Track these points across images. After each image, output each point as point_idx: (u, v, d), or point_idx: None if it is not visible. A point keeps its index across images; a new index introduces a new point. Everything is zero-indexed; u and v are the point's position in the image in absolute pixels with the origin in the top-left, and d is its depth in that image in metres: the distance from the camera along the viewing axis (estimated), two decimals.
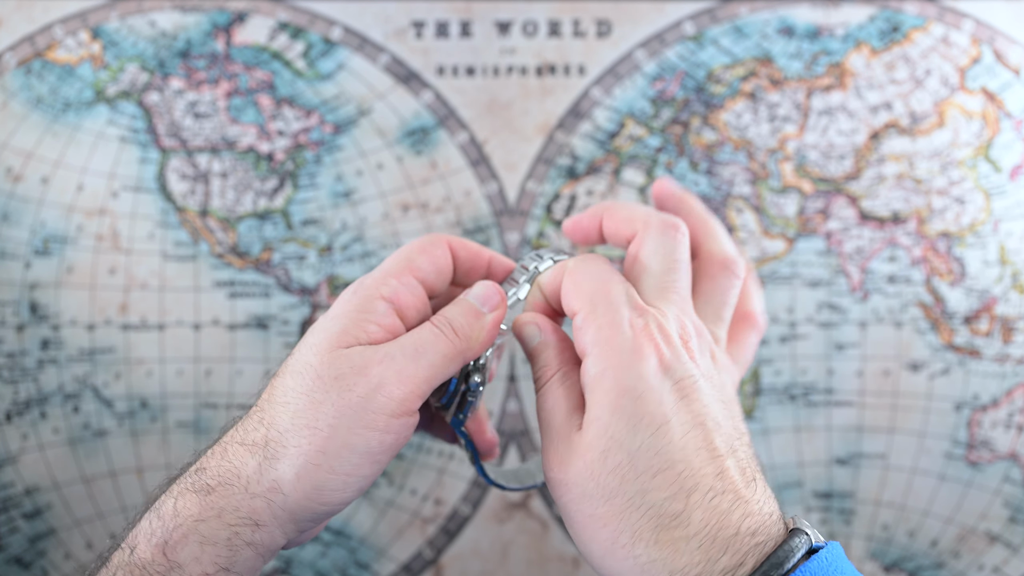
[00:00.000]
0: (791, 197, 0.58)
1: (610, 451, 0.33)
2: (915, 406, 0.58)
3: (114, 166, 0.58)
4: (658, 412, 0.33)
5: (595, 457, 0.33)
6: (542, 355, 0.38)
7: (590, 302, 0.36)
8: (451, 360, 0.36)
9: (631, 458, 0.33)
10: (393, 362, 0.35)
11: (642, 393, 0.33)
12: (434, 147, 0.59)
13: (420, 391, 0.35)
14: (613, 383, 0.33)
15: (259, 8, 0.59)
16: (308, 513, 0.35)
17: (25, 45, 0.58)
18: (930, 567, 0.58)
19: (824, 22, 0.59)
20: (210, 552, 0.33)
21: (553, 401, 0.36)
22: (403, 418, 0.35)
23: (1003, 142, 0.58)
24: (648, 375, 0.34)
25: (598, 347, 0.34)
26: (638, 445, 0.33)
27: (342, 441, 0.34)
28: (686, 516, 0.31)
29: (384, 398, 0.34)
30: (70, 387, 0.57)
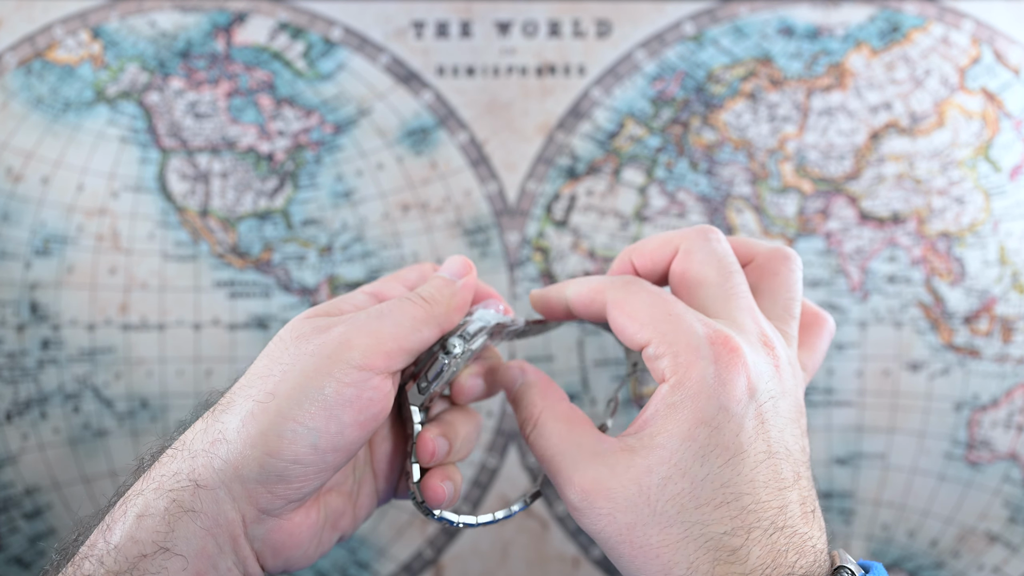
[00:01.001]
0: (791, 197, 0.58)
1: (672, 478, 0.31)
2: (915, 406, 0.58)
3: (114, 166, 0.58)
4: (733, 442, 0.32)
5: (654, 482, 0.31)
6: (526, 396, 0.37)
7: (657, 330, 0.34)
8: (421, 323, 0.35)
9: (694, 487, 0.31)
10: (356, 320, 0.34)
11: (720, 424, 0.32)
12: (434, 147, 0.59)
13: (385, 348, 0.34)
14: (690, 414, 0.32)
15: (259, 8, 0.59)
16: (254, 466, 0.31)
17: (25, 45, 0.58)
18: (930, 567, 0.58)
19: (824, 22, 0.59)
20: (147, 525, 0.30)
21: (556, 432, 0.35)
22: (365, 372, 0.33)
23: (1003, 142, 0.58)
24: (731, 404, 0.32)
25: (677, 376, 0.33)
26: (704, 475, 0.31)
27: (293, 383, 0.32)
28: (745, 552, 0.30)
29: (345, 348, 0.33)
30: (70, 387, 0.57)
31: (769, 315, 0.37)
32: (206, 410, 0.34)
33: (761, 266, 0.39)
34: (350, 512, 0.38)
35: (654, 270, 0.38)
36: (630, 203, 0.58)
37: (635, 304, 0.35)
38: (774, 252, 0.39)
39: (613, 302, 0.36)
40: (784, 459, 0.33)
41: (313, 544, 0.35)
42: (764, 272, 0.39)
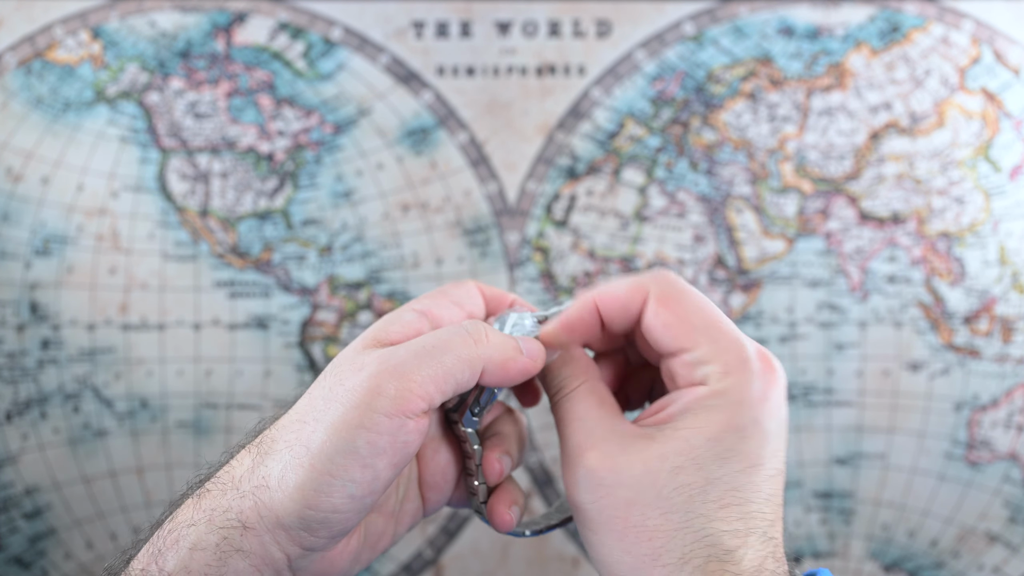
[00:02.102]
0: (791, 197, 0.58)
1: (684, 468, 0.32)
2: (915, 406, 0.58)
3: (114, 166, 0.58)
4: (756, 453, 0.32)
5: (664, 467, 0.32)
6: (566, 367, 0.36)
7: (708, 336, 0.34)
8: (466, 363, 0.34)
9: (707, 483, 0.32)
10: (393, 357, 0.33)
11: (751, 434, 0.32)
12: (434, 147, 0.59)
13: (421, 391, 0.32)
14: (725, 419, 0.32)
15: (259, 8, 0.59)
16: (294, 517, 0.32)
17: (25, 45, 0.58)
18: (930, 567, 0.58)
19: (824, 22, 0.59)
20: (199, 559, 0.31)
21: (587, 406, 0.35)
22: (397, 418, 0.32)
23: (1003, 142, 0.58)
24: (764, 419, 0.33)
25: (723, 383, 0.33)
26: (720, 475, 0.32)
27: (324, 435, 0.32)
28: (741, 554, 0.31)
29: (374, 395, 0.32)
30: (70, 387, 0.57)
31: None
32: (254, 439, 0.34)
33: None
34: (391, 530, 0.38)
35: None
36: (630, 203, 0.58)
37: (686, 304, 0.34)
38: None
39: (661, 297, 0.35)
40: (778, 476, 0.34)
41: (352, 564, 0.36)
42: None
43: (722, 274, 0.58)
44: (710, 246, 0.58)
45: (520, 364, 0.35)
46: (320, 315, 0.58)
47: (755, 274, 0.58)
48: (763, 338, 0.58)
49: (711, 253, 0.58)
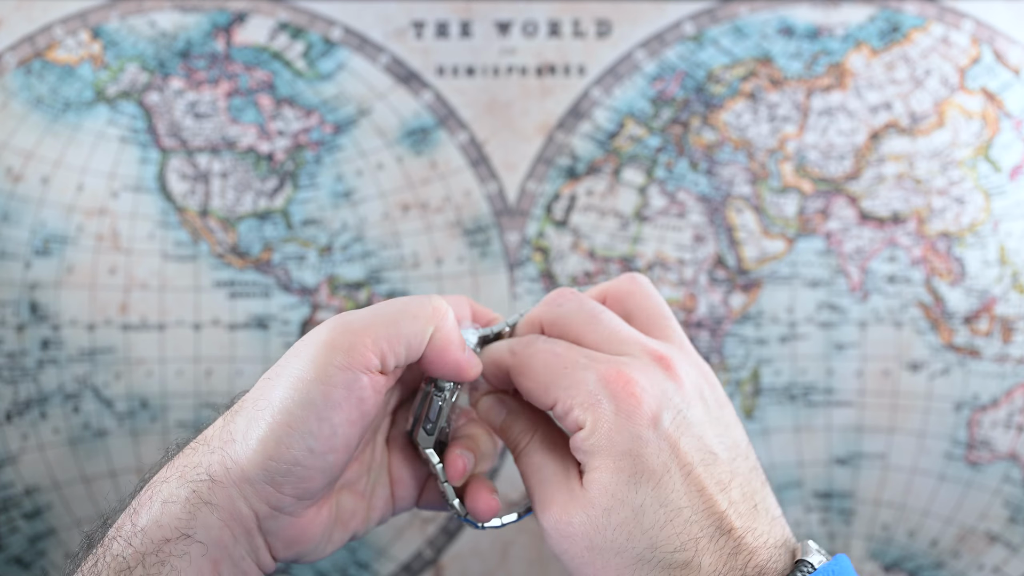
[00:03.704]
0: (791, 197, 0.58)
1: (613, 509, 0.33)
2: (915, 406, 0.58)
3: (114, 166, 0.58)
4: (658, 464, 0.34)
5: (599, 513, 0.33)
6: (514, 426, 0.39)
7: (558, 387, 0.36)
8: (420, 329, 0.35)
9: (636, 514, 0.33)
10: (350, 315, 0.35)
11: (639, 451, 0.34)
12: (434, 147, 0.59)
13: (374, 347, 0.34)
14: (609, 450, 0.34)
15: (259, 8, 0.59)
16: (258, 469, 0.33)
17: (25, 45, 0.58)
18: (930, 567, 0.58)
19: (824, 22, 0.59)
20: (170, 512, 0.32)
21: (541, 459, 0.37)
22: (351, 372, 0.33)
23: (1003, 142, 0.58)
24: (642, 431, 0.34)
25: (589, 423, 0.34)
26: (641, 501, 0.33)
27: (284, 389, 0.33)
28: (696, 563, 0.32)
29: (328, 350, 0.33)
30: (70, 387, 0.57)
31: (648, 331, 0.39)
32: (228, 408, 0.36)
33: (616, 296, 0.40)
34: (363, 512, 0.39)
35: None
36: (630, 203, 0.58)
37: (533, 367, 0.37)
38: (619, 280, 0.41)
39: (514, 369, 0.38)
40: (712, 465, 0.35)
41: (324, 540, 0.37)
42: (621, 299, 0.40)
43: (722, 274, 0.58)
44: (710, 246, 0.58)
45: (458, 356, 0.37)
46: (320, 315, 0.58)
47: (755, 274, 0.58)
48: (763, 338, 0.58)
49: (711, 253, 0.58)
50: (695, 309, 0.58)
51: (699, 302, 0.58)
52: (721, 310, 0.58)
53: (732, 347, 0.58)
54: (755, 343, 0.58)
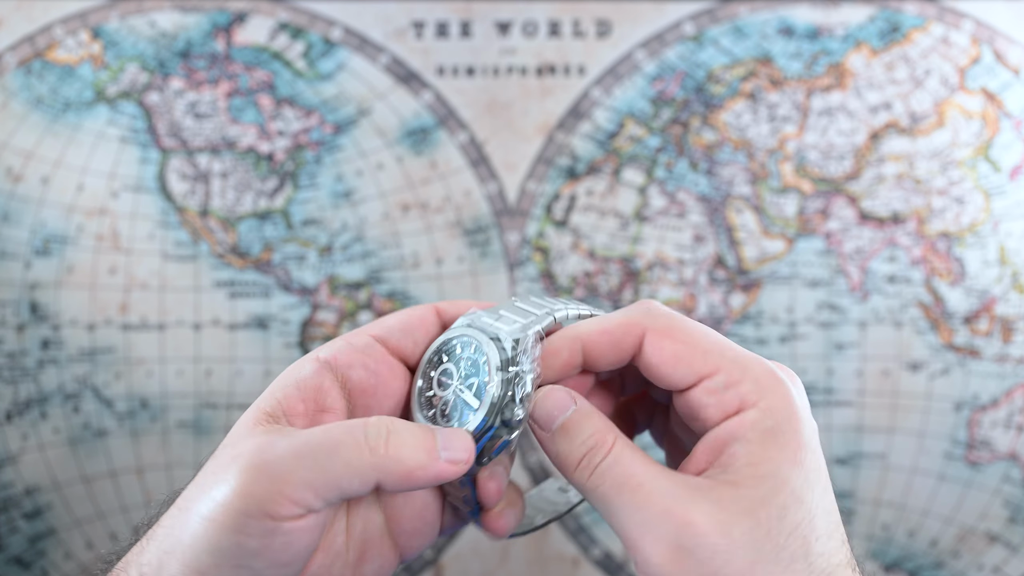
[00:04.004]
0: (791, 197, 0.58)
1: (789, 508, 0.28)
2: (915, 406, 0.58)
3: (114, 166, 0.58)
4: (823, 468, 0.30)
5: (772, 514, 0.28)
6: (585, 424, 0.31)
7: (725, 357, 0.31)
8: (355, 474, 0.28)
9: (811, 516, 0.28)
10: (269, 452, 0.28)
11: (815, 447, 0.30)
12: (434, 147, 0.59)
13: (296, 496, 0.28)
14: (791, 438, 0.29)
15: (259, 8, 0.59)
16: None
17: (25, 45, 0.58)
18: (930, 567, 0.58)
19: (824, 22, 0.59)
20: None
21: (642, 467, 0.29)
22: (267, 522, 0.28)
23: (1003, 142, 0.58)
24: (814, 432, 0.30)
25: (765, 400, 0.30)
26: (816, 502, 0.29)
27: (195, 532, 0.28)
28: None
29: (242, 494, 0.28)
30: (70, 387, 0.57)
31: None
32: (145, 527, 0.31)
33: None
34: None
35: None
36: (630, 203, 0.58)
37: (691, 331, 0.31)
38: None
39: (661, 330, 0.31)
40: None
41: None
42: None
43: (722, 274, 0.58)
44: (710, 246, 0.58)
45: (432, 472, 0.29)
46: (320, 315, 0.58)
47: (755, 274, 0.58)
48: (763, 338, 0.58)
49: (711, 253, 0.58)
50: (695, 309, 0.58)
51: (699, 302, 0.58)
52: (721, 310, 0.58)
53: None
54: (755, 343, 0.58)
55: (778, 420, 0.29)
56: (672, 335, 0.31)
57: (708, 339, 0.31)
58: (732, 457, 0.29)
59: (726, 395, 0.30)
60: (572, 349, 0.32)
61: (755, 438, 0.29)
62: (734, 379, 0.30)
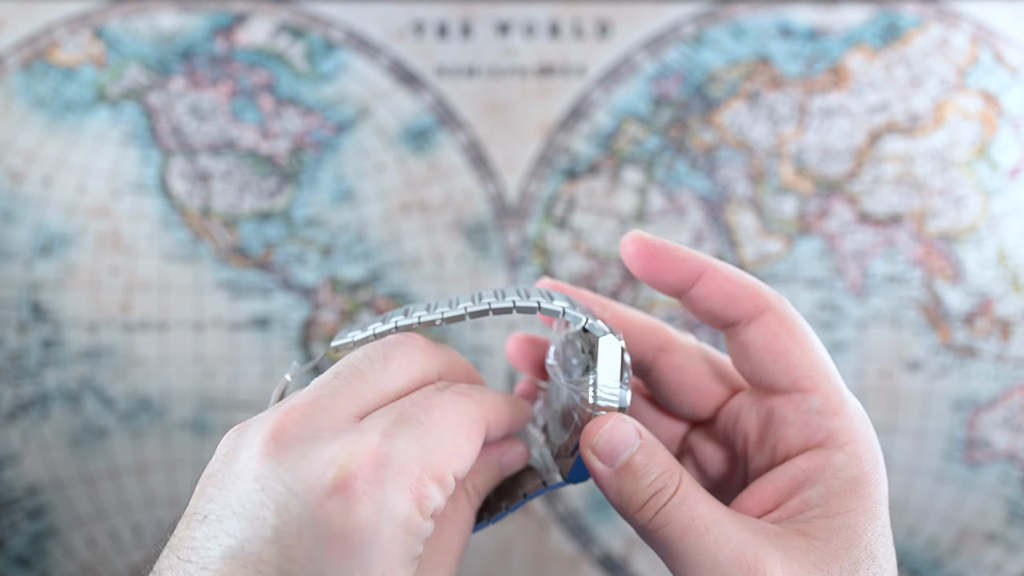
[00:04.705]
0: (790, 197, 0.58)
1: (862, 563, 0.26)
2: (914, 406, 0.58)
3: (115, 166, 0.58)
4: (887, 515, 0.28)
5: (844, 568, 0.26)
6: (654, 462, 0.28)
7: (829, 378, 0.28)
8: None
9: (882, 572, 0.27)
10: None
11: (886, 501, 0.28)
12: (434, 148, 0.59)
13: None
14: (874, 489, 0.27)
15: (260, 9, 0.59)
16: None
17: (27, 46, 0.58)
18: (929, 566, 0.58)
19: (823, 23, 0.59)
20: None
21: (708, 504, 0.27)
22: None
23: (1001, 142, 0.58)
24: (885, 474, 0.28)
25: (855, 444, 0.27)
26: (887, 557, 0.27)
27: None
28: None
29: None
30: (71, 387, 0.57)
31: None
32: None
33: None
34: None
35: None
36: (630, 203, 0.59)
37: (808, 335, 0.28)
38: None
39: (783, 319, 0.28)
40: None
41: None
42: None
43: None
44: (709, 246, 0.58)
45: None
46: (321, 315, 0.58)
47: (754, 274, 0.58)
48: None
49: (711, 253, 0.58)
50: None
51: None
52: None
53: None
54: None
55: (864, 470, 0.27)
56: (791, 328, 0.28)
57: (818, 352, 0.28)
58: (806, 503, 0.27)
59: (816, 421, 0.28)
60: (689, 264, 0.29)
61: (837, 487, 0.27)
62: (830, 408, 0.28)
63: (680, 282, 0.29)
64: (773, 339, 0.28)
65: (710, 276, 0.29)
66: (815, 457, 0.27)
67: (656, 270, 0.29)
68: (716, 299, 0.29)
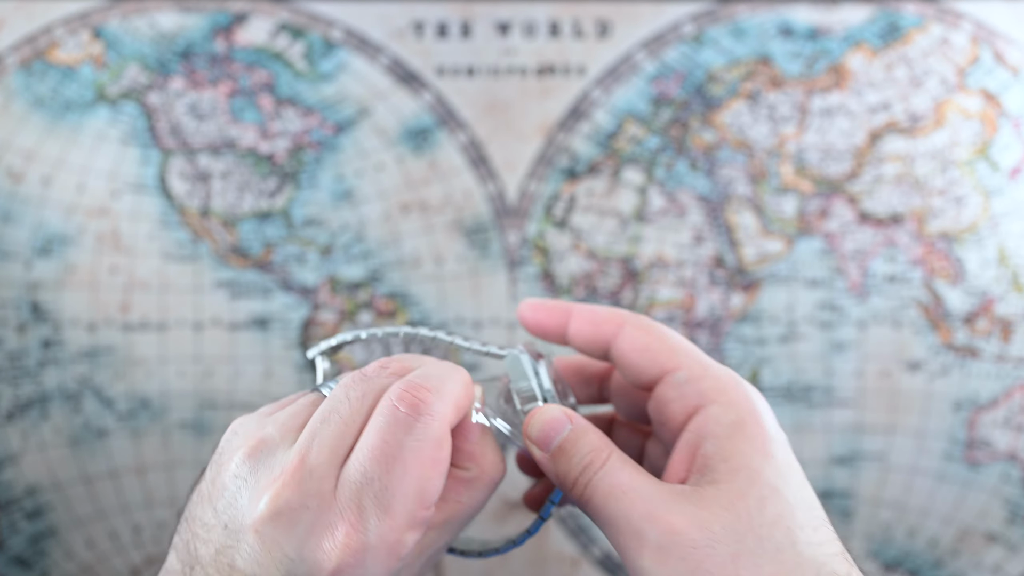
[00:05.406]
0: (790, 197, 0.58)
1: (768, 499, 0.28)
2: (914, 406, 0.58)
3: (115, 166, 0.58)
4: (796, 465, 0.30)
5: (751, 505, 0.28)
6: (583, 442, 0.32)
7: (690, 355, 0.33)
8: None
9: (792, 509, 0.28)
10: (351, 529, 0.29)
11: (783, 441, 0.30)
12: (434, 147, 0.59)
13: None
14: (758, 429, 0.30)
15: (260, 9, 0.59)
16: None
17: (26, 46, 0.58)
18: (929, 566, 0.58)
19: (823, 22, 0.59)
20: None
21: (630, 475, 0.30)
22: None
23: (1002, 142, 0.58)
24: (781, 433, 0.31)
25: (725, 394, 0.31)
26: (795, 494, 0.29)
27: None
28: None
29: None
30: (71, 387, 0.57)
31: None
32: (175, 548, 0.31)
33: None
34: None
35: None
36: (630, 203, 0.59)
37: (663, 330, 0.34)
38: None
39: (636, 325, 0.34)
40: None
41: None
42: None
43: (721, 274, 0.58)
44: (710, 246, 0.58)
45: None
46: (321, 315, 0.58)
47: (754, 274, 0.58)
48: (762, 338, 0.58)
49: (711, 253, 0.58)
50: (694, 309, 0.58)
51: (698, 302, 0.58)
52: (720, 310, 0.58)
53: (731, 347, 0.58)
54: (754, 343, 0.58)
55: (740, 413, 0.30)
56: (646, 329, 0.34)
57: (677, 339, 0.34)
58: (705, 458, 0.30)
59: (687, 389, 0.32)
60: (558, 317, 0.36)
61: (722, 432, 0.30)
62: (695, 375, 0.32)
63: (556, 326, 0.35)
64: (635, 342, 0.34)
65: (576, 315, 0.35)
66: (697, 418, 0.31)
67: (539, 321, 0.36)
68: (586, 329, 0.35)
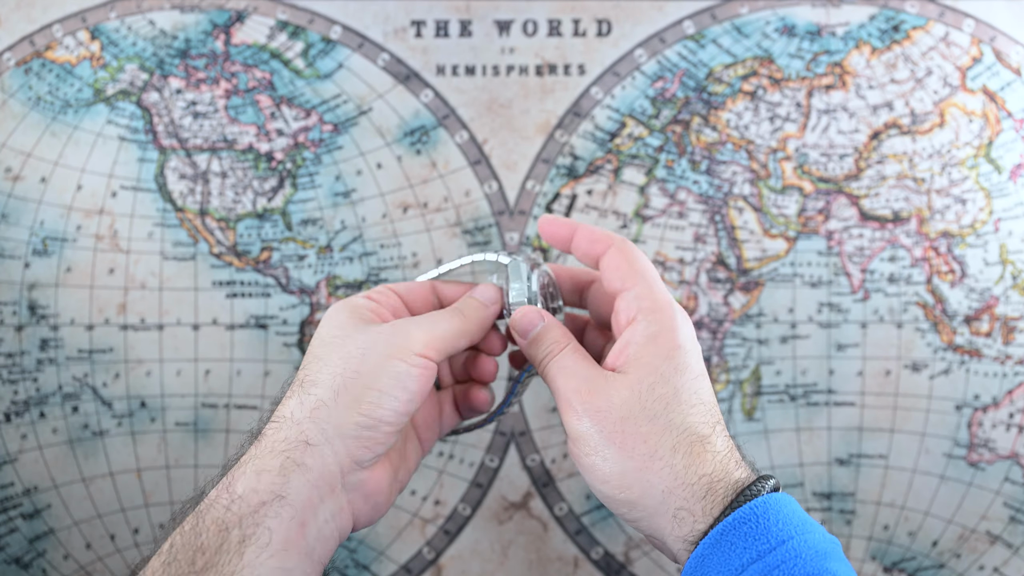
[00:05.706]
0: (792, 197, 0.58)
1: (656, 384, 0.41)
2: (916, 406, 0.58)
3: (113, 166, 0.58)
4: (698, 366, 0.42)
5: (643, 388, 0.40)
6: (549, 335, 0.44)
7: (645, 281, 0.43)
8: (460, 336, 0.44)
9: (676, 392, 0.41)
10: (412, 321, 0.43)
11: (689, 349, 0.42)
12: (434, 147, 0.59)
13: (437, 345, 0.42)
14: (668, 339, 0.41)
15: (258, 7, 0.59)
16: (352, 424, 0.39)
17: (24, 45, 0.58)
18: (930, 567, 0.58)
19: (825, 21, 0.59)
20: (265, 480, 0.37)
21: (574, 361, 0.43)
22: (423, 359, 0.41)
23: (1004, 142, 0.58)
24: (692, 339, 0.43)
25: (655, 314, 0.42)
26: (682, 384, 0.41)
27: (374, 363, 0.40)
28: (713, 439, 0.40)
29: (408, 339, 0.41)
30: (69, 387, 0.57)
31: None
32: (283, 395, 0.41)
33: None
34: (405, 464, 0.46)
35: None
36: (630, 203, 0.58)
37: (638, 257, 0.44)
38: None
39: (620, 248, 0.44)
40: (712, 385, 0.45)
41: (389, 491, 0.43)
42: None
43: (723, 274, 0.58)
44: (711, 246, 0.58)
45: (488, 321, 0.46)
46: (319, 315, 0.58)
47: (756, 274, 0.58)
48: (764, 338, 0.58)
49: (712, 253, 0.58)
50: (696, 309, 0.58)
51: (699, 302, 0.58)
52: (722, 310, 0.58)
53: (733, 347, 0.58)
54: (756, 343, 0.58)
55: (659, 330, 0.42)
56: (624, 253, 0.44)
57: (643, 264, 0.44)
58: (627, 355, 0.42)
59: (632, 304, 0.43)
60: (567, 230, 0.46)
61: (641, 340, 0.42)
62: (641, 294, 0.43)
63: (563, 237, 0.46)
64: (612, 260, 0.44)
65: (579, 231, 0.46)
66: (632, 327, 0.42)
67: (551, 233, 0.47)
68: (583, 244, 0.46)
